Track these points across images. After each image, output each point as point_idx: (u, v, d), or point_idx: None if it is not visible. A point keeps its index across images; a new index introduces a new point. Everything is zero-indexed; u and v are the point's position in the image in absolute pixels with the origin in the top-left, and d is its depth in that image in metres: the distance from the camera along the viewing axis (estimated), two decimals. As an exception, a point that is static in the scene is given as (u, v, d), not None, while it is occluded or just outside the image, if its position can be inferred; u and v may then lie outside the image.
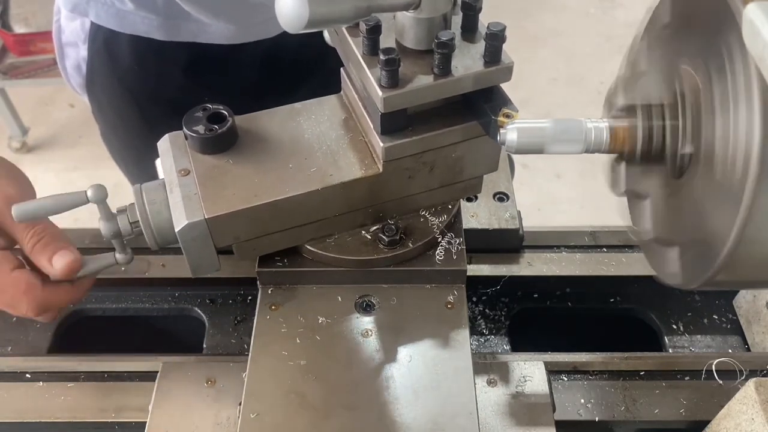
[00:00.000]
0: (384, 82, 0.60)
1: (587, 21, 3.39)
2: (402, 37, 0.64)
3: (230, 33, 0.97)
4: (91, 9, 0.96)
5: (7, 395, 0.75)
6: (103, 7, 0.96)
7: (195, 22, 0.95)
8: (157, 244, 0.67)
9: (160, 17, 0.94)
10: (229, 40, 0.97)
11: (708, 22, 0.48)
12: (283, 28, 0.54)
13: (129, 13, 0.94)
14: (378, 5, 0.57)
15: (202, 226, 0.64)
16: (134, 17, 0.95)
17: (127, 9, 0.94)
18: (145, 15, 0.94)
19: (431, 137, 0.67)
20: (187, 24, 0.95)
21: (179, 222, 0.64)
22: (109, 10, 0.95)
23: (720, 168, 0.47)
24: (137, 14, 0.94)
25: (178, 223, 0.64)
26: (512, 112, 0.61)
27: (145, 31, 0.96)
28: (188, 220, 0.64)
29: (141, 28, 0.96)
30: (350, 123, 0.73)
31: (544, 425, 0.69)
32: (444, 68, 0.61)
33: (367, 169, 0.68)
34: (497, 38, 0.60)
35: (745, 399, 0.63)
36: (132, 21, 0.95)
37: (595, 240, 0.92)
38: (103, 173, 1.42)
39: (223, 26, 0.96)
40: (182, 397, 0.71)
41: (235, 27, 0.96)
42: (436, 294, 0.71)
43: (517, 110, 0.61)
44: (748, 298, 0.88)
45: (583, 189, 2.53)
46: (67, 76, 1.08)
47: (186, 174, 0.67)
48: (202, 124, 0.68)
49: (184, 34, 0.96)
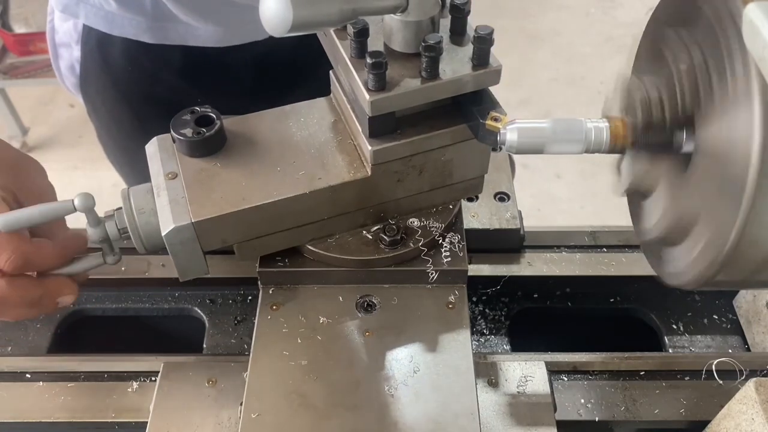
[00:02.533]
0: (371, 86, 0.60)
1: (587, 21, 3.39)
2: (390, 40, 0.63)
3: (219, 35, 0.96)
4: (81, 11, 0.96)
5: (7, 395, 0.75)
6: (92, 9, 0.95)
7: (183, 25, 0.94)
8: (144, 248, 0.67)
9: (148, 20, 0.94)
10: (219, 42, 0.97)
11: (708, 21, 0.48)
12: (267, 31, 0.54)
13: (117, 15, 0.94)
14: (364, 8, 0.57)
15: (189, 230, 0.64)
16: (122, 20, 0.94)
17: (115, 11, 0.94)
18: (132, 17, 0.94)
19: (420, 140, 0.67)
20: (175, 26, 0.95)
21: (166, 226, 0.64)
22: (98, 13, 0.95)
23: (720, 168, 0.47)
24: (125, 16, 0.94)
25: (165, 227, 0.64)
26: (500, 115, 0.61)
27: (134, 33, 0.95)
28: (175, 224, 0.63)
29: (129, 31, 0.95)
30: (339, 126, 0.72)
31: (546, 425, 0.69)
32: (432, 71, 0.61)
33: (355, 172, 0.68)
34: (485, 41, 0.60)
35: (745, 399, 0.63)
36: (120, 23, 0.95)
37: (595, 240, 0.92)
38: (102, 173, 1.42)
39: (212, 28, 0.95)
40: (183, 397, 0.71)
41: (223, 29, 0.96)
42: (437, 294, 0.71)
43: (505, 113, 0.61)
44: (748, 298, 0.88)
45: (583, 189, 2.53)
46: (61, 76, 1.08)
47: (173, 177, 0.67)
48: (189, 127, 0.68)
49: (173, 36, 0.96)
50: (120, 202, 0.67)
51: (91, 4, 0.95)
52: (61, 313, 0.90)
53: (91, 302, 0.91)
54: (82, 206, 0.63)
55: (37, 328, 0.88)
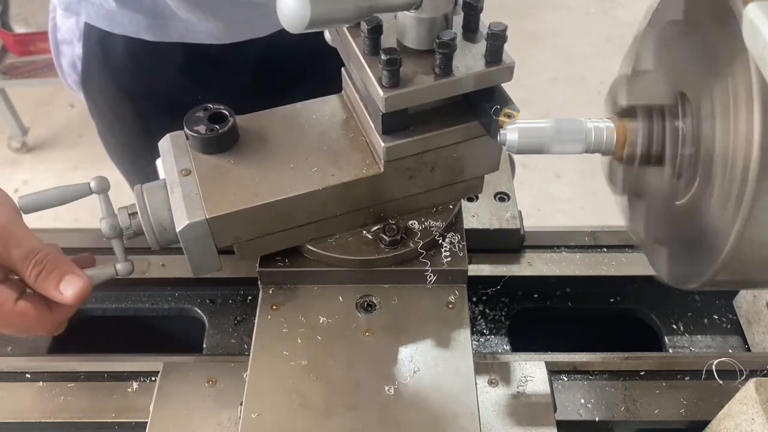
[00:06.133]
0: (385, 82, 0.60)
1: (587, 21, 3.39)
2: (403, 37, 0.64)
3: (219, 32, 0.96)
4: (82, 9, 0.96)
5: (7, 395, 0.75)
6: (93, 8, 0.95)
7: (183, 22, 0.94)
8: (158, 244, 0.67)
9: (148, 17, 0.94)
10: (219, 39, 0.97)
11: (708, 22, 0.48)
12: (285, 27, 0.54)
13: (117, 13, 0.94)
14: (379, 5, 0.57)
15: (203, 226, 0.64)
16: (122, 18, 0.94)
17: (114, 9, 0.94)
18: (132, 15, 0.94)
19: (432, 137, 0.67)
20: (175, 24, 0.95)
21: (180, 222, 0.64)
22: (99, 11, 0.95)
23: (720, 168, 0.47)
24: (124, 14, 0.94)
25: (180, 223, 0.64)
26: (513, 112, 0.61)
27: (134, 31, 0.95)
28: (189, 220, 0.64)
29: (130, 29, 0.95)
30: (351, 123, 0.73)
31: (546, 425, 0.69)
32: (445, 68, 0.61)
33: (368, 169, 0.68)
34: (498, 38, 0.60)
35: (745, 399, 0.63)
36: (120, 21, 0.95)
37: (595, 240, 0.92)
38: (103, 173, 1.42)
39: (212, 25, 0.95)
40: (183, 397, 0.71)
41: (223, 25, 0.96)
42: (437, 294, 0.71)
43: (518, 110, 0.61)
44: (748, 298, 0.88)
45: (583, 189, 2.53)
46: (62, 73, 1.08)
47: (187, 174, 0.67)
48: (203, 123, 0.68)
49: (173, 33, 0.96)
50: (121, 202, 0.68)
51: (91, 2, 0.95)
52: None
53: (91, 302, 0.90)
54: (98, 188, 0.64)
55: (37, 328, 0.88)
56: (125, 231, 0.67)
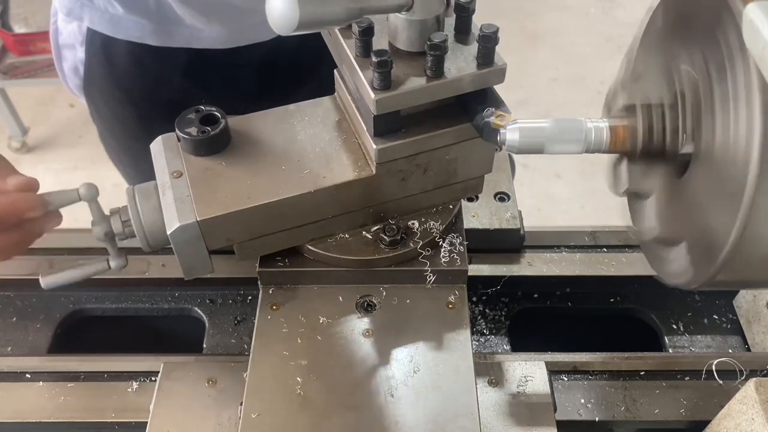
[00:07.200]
0: (376, 84, 0.60)
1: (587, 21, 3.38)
2: (395, 39, 0.63)
3: (224, 37, 0.96)
4: (85, 14, 0.96)
5: (7, 395, 0.75)
6: (96, 13, 0.95)
7: (188, 27, 0.95)
8: (149, 246, 0.67)
9: (153, 22, 0.94)
10: (224, 44, 0.97)
11: (708, 22, 0.48)
12: (274, 30, 0.54)
13: (122, 18, 0.94)
14: (370, 7, 0.57)
15: (194, 229, 0.64)
16: (127, 23, 0.94)
17: (120, 14, 0.94)
18: (137, 20, 0.94)
19: (424, 139, 0.67)
20: (180, 29, 0.95)
21: (171, 224, 0.64)
22: (102, 16, 0.95)
23: (720, 168, 0.47)
24: (129, 19, 0.94)
25: (170, 225, 0.64)
26: (505, 114, 0.61)
27: (138, 36, 0.95)
28: (180, 223, 0.63)
29: (134, 34, 0.95)
30: (344, 125, 0.72)
31: (546, 425, 0.69)
32: (437, 70, 0.61)
33: (360, 171, 0.68)
34: (490, 40, 0.60)
35: (745, 399, 0.63)
36: (125, 26, 0.95)
37: (595, 240, 0.92)
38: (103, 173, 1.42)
39: (217, 30, 0.95)
40: (183, 397, 0.71)
41: (228, 30, 0.96)
42: (437, 294, 0.71)
43: (510, 112, 0.61)
44: (748, 298, 0.88)
45: (583, 189, 2.53)
46: (64, 77, 1.08)
47: (178, 176, 0.67)
48: (194, 125, 0.68)
49: (178, 39, 0.96)
50: (121, 202, 0.68)
51: (95, 7, 0.95)
52: (61, 313, 0.90)
53: (91, 302, 0.91)
54: (86, 195, 0.64)
55: (37, 328, 0.88)
56: (117, 235, 0.67)
